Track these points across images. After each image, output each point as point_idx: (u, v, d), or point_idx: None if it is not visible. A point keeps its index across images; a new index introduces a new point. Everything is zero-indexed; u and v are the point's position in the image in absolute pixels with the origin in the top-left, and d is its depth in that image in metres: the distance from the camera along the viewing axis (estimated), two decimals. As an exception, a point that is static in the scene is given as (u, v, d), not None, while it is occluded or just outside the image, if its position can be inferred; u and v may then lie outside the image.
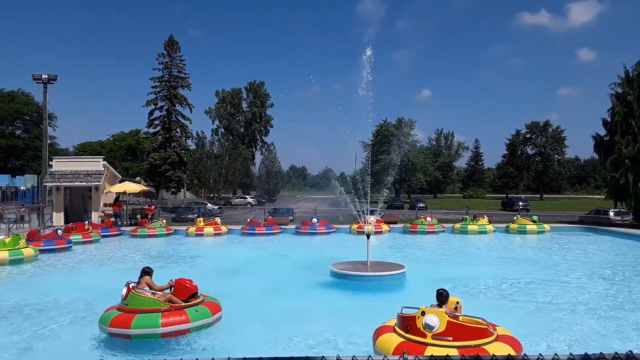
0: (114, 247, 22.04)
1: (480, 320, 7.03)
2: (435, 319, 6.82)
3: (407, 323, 7.06)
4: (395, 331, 7.19)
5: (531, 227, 27.72)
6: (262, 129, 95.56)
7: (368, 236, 14.48)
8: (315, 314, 10.31)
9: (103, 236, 24.40)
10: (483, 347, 6.60)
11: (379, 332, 7.40)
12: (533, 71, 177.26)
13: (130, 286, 8.53)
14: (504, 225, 29.15)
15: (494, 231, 27.77)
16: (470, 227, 27.49)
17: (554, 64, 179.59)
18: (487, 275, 14.74)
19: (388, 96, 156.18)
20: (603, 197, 44.03)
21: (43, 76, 34.41)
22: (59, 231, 21.53)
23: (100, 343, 8.35)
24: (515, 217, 29.90)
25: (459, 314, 7.29)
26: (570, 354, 2.40)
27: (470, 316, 7.20)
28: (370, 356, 2.40)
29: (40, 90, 35.37)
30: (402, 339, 6.90)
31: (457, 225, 28.36)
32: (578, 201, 77.63)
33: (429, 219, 28.61)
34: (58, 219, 30.23)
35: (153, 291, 8.83)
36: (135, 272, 9.47)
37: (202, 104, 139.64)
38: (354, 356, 2.27)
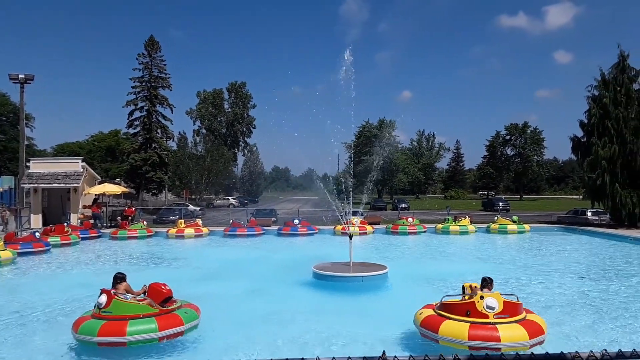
0: (94, 250, 21.72)
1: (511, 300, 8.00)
2: (495, 301, 7.74)
3: (466, 308, 7.82)
4: (449, 318, 7.80)
5: (512, 227, 28.11)
6: (245, 129, 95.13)
7: (350, 237, 14.53)
8: (297, 315, 10.30)
9: (83, 238, 24.02)
10: (527, 318, 7.81)
11: (433, 322, 7.91)
12: (512, 73, 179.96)
13: (112, 292, 8.31)
14: (485, 225, 29.51)
15: (476, 231, 28.07)
16: (452, 228, 27.74)
17: (531, 66, 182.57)
18: (468, 274, 14.86)
19: (370, 97, 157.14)
20: (581, 197, 44.83)
21: (20, 76, 33.74)
22: (37, 234, 21.16)
23: (78, 349, 8.23)
24: (495, 218, 30.28)
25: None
26: (546, 352, 2.45)
27: (505, 294, 8.14)
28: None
29: (17, 90, 34.72)
30: (468, 323, 7.60)
31: (439, 226, 28.60)
32: (557, 201, 78.98)
33: (410, 219, 28.81)
34: (36, 221, 29.71)
35: (133, 296, 8.70)
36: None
37: (183, 104, 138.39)
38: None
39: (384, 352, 2.53)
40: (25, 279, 15.19)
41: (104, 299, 8.19)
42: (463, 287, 9.03)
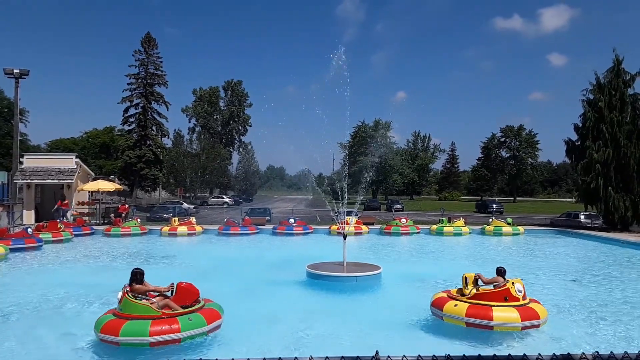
0: (86, 247, 21.58)
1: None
2: (521, 286, 9.09)
3: (504, 295, 8.90)
4: (494, 306, 8.70)
5: (507, 229, 28.17)
6: (240, 128, 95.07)
7: (345, 237, 14.51)
8: (290, 314, 10.27)
9: (76, 235, 23.88)
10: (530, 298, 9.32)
11: (483, 312, 8.65)
12: (506, 75, 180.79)
13: (126, 290, 8.22)
14: (480, 227, 29.57)
15: (470, 233, 28.11)
16: (446, 229, 27.77)
17: (525, 68, 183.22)
18: (459, 274, 14.89)
19: (366, 97, 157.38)
20: (574, 200, 45.00)
21: (15, 71, 33.49)
22: (29, 229, 21.03)
23: (66, 346, 8.17)
24: (490, 220, 30.35)
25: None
26: (539, 354, 2.44)
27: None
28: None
29: (12, 85, 34.49)
30: (513, 307, 8.72)
31: (434, 227, 28.63)
32: (550, 204, 79.30)
33: (403, 220, 28.82)
34: (28, 217, 29.51)
35: (146, 297, 8.42)
36: (106, 273, 9.29)
37: (179, 102, 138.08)
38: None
39: (377, 352, 2.51)
40: (16, 275, 15.06)
41: (119, 295, 8.18)
42: (465, 278, 9.66)
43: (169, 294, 8.70)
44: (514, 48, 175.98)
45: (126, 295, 8.11)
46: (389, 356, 2.42)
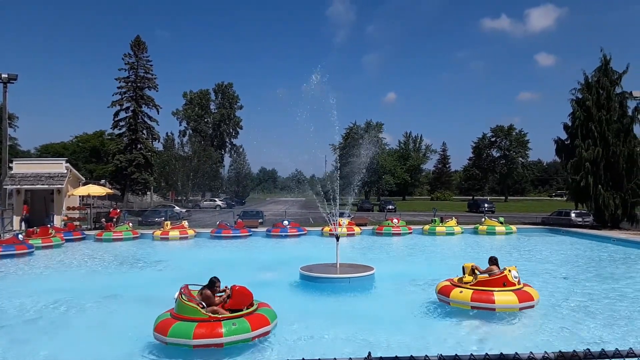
0: (77, 252, 21.42)
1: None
2: (516, 272, 10.18)
3: (502, 281, 9.97)
4: (494, 291, 9.80)
5: (499, 228, 28.35)
6: (231, 130, 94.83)
7: (337, 238, 14.51)
8: (283, 316, 10.23)
9: (67, 240, 23.69)
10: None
11: (483, 296, 9.75)
12: (495, 75, 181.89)
13: (180, 291, 8.25)
14: (472, 226, 29.71)
15: (462, 232, 28.25)
16: (439, 229, 27.91)
17: (514, 68, 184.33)
18: (452, 274, 14.93)
19: (357, 99, 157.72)
20: (565, 199, 45.36)
21: (3, 75, 33.22)
22: (20, 236, 20.85)
23: (57, 349, 8.11)
24: (483, 219, 30.50)
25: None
26: (530, 352, 2.47)
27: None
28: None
29: (0, 89, 34.18)
30: (511, 290, 9.86)
31: (426, 227, 28.75)
32: (541, 203, 79.82)
33: (395, 220, 28.91)
34: (18, 223, 29.24)
35: (199, 301, 8.37)
36: (97, 278, 9.22)
37: (170, 105, 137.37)
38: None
39: (369, 353, 2.52)
40: (5, 282, 14.91)
41: (176, 295, 8.28)
42: (463, 268, 10.57)
43: (227, 299, 8.77)
44: (503, 48, 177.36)
45: (180, 296, 8.16)
46: (381, 357, 2.43)
